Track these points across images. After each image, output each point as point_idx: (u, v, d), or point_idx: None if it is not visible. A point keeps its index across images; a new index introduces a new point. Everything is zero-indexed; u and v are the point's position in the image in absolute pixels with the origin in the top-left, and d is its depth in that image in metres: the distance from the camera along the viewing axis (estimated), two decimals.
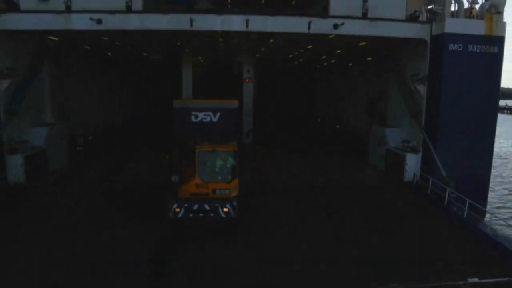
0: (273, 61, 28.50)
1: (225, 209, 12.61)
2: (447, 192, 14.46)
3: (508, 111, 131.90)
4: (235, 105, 15.71)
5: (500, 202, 25.21)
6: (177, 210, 12.57)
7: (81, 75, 25.13)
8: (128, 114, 35.34)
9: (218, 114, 15.05)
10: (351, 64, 29.90)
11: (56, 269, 9.92)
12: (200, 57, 28.61)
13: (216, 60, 29.11)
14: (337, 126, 34.68)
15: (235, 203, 12.71)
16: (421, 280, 9.53)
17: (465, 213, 13.18)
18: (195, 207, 12.63)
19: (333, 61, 30.75)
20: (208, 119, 14.97)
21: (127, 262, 10.30)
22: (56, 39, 19.08)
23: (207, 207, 12.67)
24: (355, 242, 11.86)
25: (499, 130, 71.05)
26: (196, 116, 15.07)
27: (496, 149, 48.16)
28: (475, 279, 9.62)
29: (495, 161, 40.13)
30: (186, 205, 12.54)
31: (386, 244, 11.84)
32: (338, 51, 25.06)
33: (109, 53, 26.53)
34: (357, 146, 24.66)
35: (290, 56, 28.94)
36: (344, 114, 33.14)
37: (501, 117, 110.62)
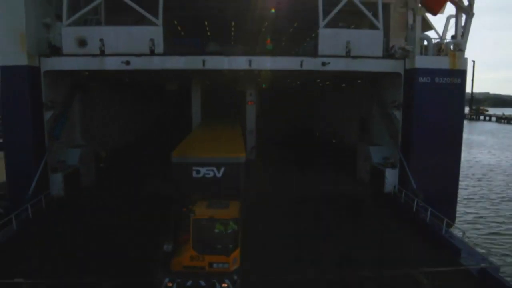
0: (273, 84, 31.71)
1: (224, 285, 10.81)
2: (415, 202, 17.52)
3: (505, 121, 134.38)
4: (241, 158, 14.46)
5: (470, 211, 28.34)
6: (169, 284, 10.79)
7: (102, 99, 28.55)
8: (145, 132, 38.93)
9: (222, 169, 13.85)
10: (343, 85, 33.10)
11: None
12: (207, 82, 31.89)
13: (222, 83, 32.34)
14: (333, 141, 37.82)
15: (235, 277, 10.95)
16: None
17: (428, 219, 16.23)
18: (189, 283, 10.82)
19: (327, 83, 33.99)
20: (211, 174, 13.77)
21: None
22: (87, 73, 22.43)
23: (202, 283, 10.80)
24: (336, 242, 14.95)
25: (492, 140, 73.35)
26: (198, 172, 13.85)
27: (487, 160, 50.92)
28: (426, 269, 12.72)
29: (484, 173, 43.17)
30: (179, 280, 10.78)
31: (361, 244, 14.92)
32: (329, 77, 28.34)
33: (126, 79, 29.97)
34: (348, 160, 27.68)
35: (288, 80, 32.24)
36: (339, 130, 36.27)
37: (497, 126, 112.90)
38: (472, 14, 20.28)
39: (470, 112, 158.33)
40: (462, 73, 19.91)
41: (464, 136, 23.65)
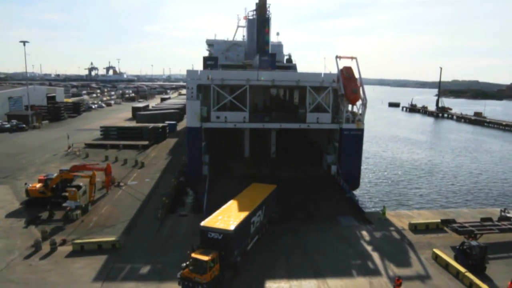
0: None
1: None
2: (340, 179, 49.75)
3: (463, 120, 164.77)
4: (230, 231, 26.07)
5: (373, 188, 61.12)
6: (179, 285, 24.83)
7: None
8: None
9: (222, 235, 25.96)
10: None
11: None
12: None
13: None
14: (316, 146, 69.73)
15: (206, 285, 23.80)
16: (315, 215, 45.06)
17: (343, 185, 48.36)
18: (186, 283, 24.36)
19: None
20: (216, 236, 25.98)
21: None
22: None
23: (190, 284, 24.26)
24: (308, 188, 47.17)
25: (426, 138, 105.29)
26: (211, 234, 26.21)
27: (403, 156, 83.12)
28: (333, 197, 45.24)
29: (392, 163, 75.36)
30: (183, 281, 24.56)
31: (317, 190, 47.16)
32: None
33: None
34: (321, 159, 59.42)
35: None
36: (319, 142, 68.25)
37: (451, 125, 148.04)
38: (366, 105, 51.85)
39: (436, 110, 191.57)
40: (361, 130, 51.60)
41: (413, 136, 57.36)
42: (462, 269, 27.91)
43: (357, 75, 52.38)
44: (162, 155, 67.78)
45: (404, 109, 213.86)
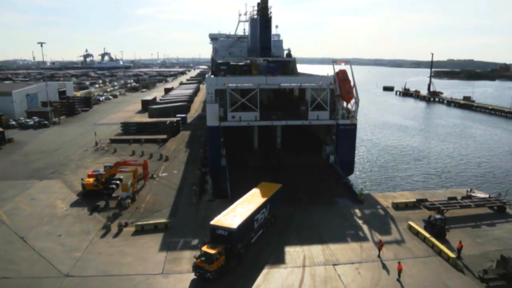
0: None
1: (207, 275, 29.38)
2: (337, 166, 59.41)
3: (453, 104, 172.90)
4: (233, 229, 31.25)
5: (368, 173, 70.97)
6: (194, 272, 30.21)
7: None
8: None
9: (227, 232, 31.28)
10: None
11: None
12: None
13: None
14: (315, 137, 79.18)
15: (213, 273, 29.22)
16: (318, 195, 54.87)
17: (340, 172, 58.10)
18: (198, 270, 29.75)
19: None
20: (223, 233, 31.39)
21: None
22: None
23: (201, 271, 29.55)
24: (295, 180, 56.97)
25: (414, 124, 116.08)
26: (218, 231, 31.63)
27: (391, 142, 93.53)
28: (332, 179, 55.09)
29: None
30: (196, 268, 29.94)
31: (309, 184, 56.94)
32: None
33: None
34: (321, 149, 68.97)
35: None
36: (320, 135, 77.71)
37: (440, 110, 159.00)
38: (358, 104, 60.99)
39: (428, 94, 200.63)
40: (355, 125, 60.95)
41: (404, 122, 70.08)
42: (427, 235, 37.90)
43: (351, 77, 61.46)
44: (181, 148, 76.97)
45: (398, 93, 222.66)
